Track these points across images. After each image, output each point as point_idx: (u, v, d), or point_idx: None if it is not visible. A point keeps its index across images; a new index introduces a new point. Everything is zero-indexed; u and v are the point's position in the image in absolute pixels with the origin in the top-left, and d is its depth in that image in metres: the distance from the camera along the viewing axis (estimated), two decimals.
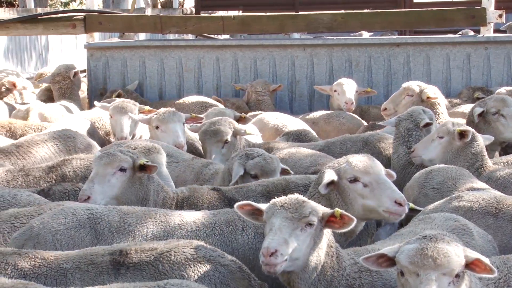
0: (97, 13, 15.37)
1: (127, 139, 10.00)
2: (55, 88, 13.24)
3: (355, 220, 5.24)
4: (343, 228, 5.22)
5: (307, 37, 19.01)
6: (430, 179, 7.30)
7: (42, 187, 7.49)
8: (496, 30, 16.70)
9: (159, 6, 31.46)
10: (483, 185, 7.21)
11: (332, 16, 14.24)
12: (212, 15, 22.64)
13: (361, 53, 13.67)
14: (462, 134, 7.93)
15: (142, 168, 6.70)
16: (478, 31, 14.55)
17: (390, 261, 4.72)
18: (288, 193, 6.13)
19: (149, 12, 22.94)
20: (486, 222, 6.19)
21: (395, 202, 5.81)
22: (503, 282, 5.05)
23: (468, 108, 10.57)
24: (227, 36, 20.47)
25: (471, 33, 17.91)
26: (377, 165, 6.04)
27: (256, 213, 5.30)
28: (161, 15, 17.61)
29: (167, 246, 5.31)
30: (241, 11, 24.13)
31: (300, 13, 17.41)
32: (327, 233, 5.25)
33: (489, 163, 7.97)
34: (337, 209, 5.22)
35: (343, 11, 19.05)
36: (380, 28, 16.98)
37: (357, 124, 11.48)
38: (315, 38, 16.99)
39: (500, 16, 13.72)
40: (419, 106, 9.07)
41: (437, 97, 10.15)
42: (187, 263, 5.21)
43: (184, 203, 6.87)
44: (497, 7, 14.07)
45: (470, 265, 4.56)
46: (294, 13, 18.06)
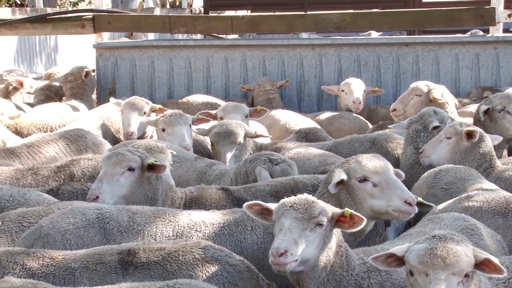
0: (106, 13, 15.39)
1: (133, 135, 10.01)
2: (66, 88, 13.27)
3: (365, 220, 5.23)
4: (353, 228, 5.22)
5: (316, 37, 18.99)
6: (439, 179, 7.28)
7: (51, 187, 7.51)
8: (505, 30, 16.64)
9: (168, 6, 31.48)
10: (492, 185, 7.19)
11: (340, 16, 14.22)
12: (221, 14, 22.63)
13: (369, 53, 13.64)
14: (469, 135, 7.91)
15: (150, 168, 6.70)
16: (487, 31, 14.51)
17: (399, 260, 4.71)
18: (297, 193, 6.12)
19: (157, 12, 22.98)
20: (496, 222, 6.18)
21: (405, 202, 5.80)
22: None
23: (477, 107, 10.54)
24: (235, 36, 20.45)
25: (480, 33, 17.86)
26: (387, 165, 6.03)
27: (265, 213, 5.29)
28: (169, 15, 17.60)
29: (175, 246, 5.31)
30: (249, 11, 24.13)
31: (308, 12, 17.43)
32: (337, 233, 5.24)
33: (498, 163, 7.94)
34: (346, 209, 5.21)
35: (351, 10, 19.01)
36: (389, 27, 16.96)
37: (359, 124, 11.45)
38: (323, 38, 16.97)
39: (509, 15, 13.66)
40: (431, 108, 9.03)
41: (442, 99, 10.13)
42: (195, 263, 5.21)
43: (193, 203, 6.87)
44: (506, 7, 14.03)
45: (480, 265, 4.54)
46: (302, 12, 18.06)
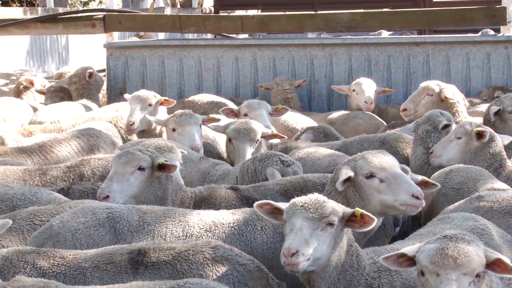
0: (116, 13, 15.42)
1: (134, 125, 9.91)
2: (72, 89, 13.31)
3: (376, 219, 5.23)
4: (363, 228, 5.21)
5: (326, 37, 18.98)
6: (450, 179, 7.26)
7: (61, 186, 7.53)
8: None
9: (178, 6, 31.55)
10: (503, 185, 7.16)
11: (351, 16, 14.20)
12: (231, 14, 22.63)
13: (380, 53, 13.61)
14: (479, 135, 7.89)
15: (160, 168, 6.70)
16: (498, 30, 14.46)
17: (410, 260, 4.71)
18: (306, 191, 6.13)
19: (168, 11, 22.97)
20: (506, 222, 6.16)
21: (412, 195, 5.80)
22: None
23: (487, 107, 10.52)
24: (246, 36, 20.46)
25: (491, 32, 17.81)
26: (392, 160, 6.03)
27: (275, 213, 5.29)
28: (180, 14, 17.62)
29: (185, 246, 5.31)
30: (260, 11, 24.14)
31: (319, 12, 17.42)
32: (347, 233, 5.24)
33: (508, 163, 7.92)
34: (357, 208, 5.20)
35: (362, 10, 19.00)
36: (399, 27, 16.92)
37: (375, 124, 11.41)
38: (334, 37, 16.95)
39: None
40: (437, 110, 9.03)
41: (453, 99, 10.11)
42: (205, 262, 5.22)
43: (202, 202, 6.86)
44: None
45: (491, 265, 4.53)
46: (313, 12, 18.06)
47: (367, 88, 12.12)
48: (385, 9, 19.61)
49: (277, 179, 7.18)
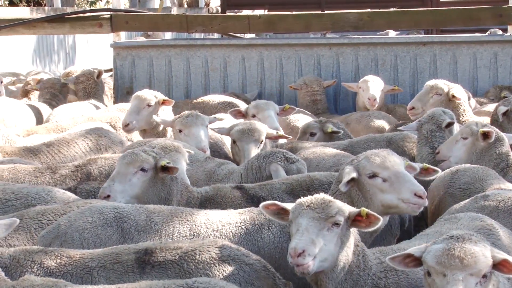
0: (123, 12, 15.44)
1: (129, 126, 9.77)
2: (79, 89, 13.33)
3: (382, 219, 5.23)
4: (369, 228, 5.21)
5: (333, 36, 18.96)
6: (457, 179, 7.25)
7: (69, 186, 7.56)
8: None
9: (185, 5, 31.58)
10: (510, 185, 7.15)
11: (358, 15, 14.19)
12: (238, 14, 22.62)
13: (387, 52, 13.60)
14: (485, 135, 7.89)
15: (164, 169, 6.71)
16: (506, 30, 14.44)
17: (417, 261, 4.71)
18: (313, 190, 6.14)
19: (175, 11, 23.02)
20: None
21: (415, 194, 5.80)
22: None
23: (494, 107, 10.50)
24: (252, 35, 20.46)
25: (499, 32, 17.78)
26: (396, 159, 6.02)
27: (281, 213, 5.29)
28: (187, 14, 17.64)
29: (192, 245, 5.32)
30: (266, 10, 24.13)
31: (326, 12, 17.40)
32: (354, 232, 5.24)
33: None
34: (363, 208, 5.20)
35: (369, 10, 18.99)
36: (406, 27, 16.90)
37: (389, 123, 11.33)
38: (341, 37, 16.93)
39: None
40: (439, 108, 9.03)
41: (461, 97, 10.11)
42: (212, 262, 5.22)
43: (208, 202, 6.87)
44: None
45: (498, 265, 4.53)
46: (320, 12, 18.04)
47: (372, 86, 12.08)
48: (392, 9, 19.55)
49: (283, 178, 7.18)
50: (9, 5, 29.73)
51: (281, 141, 9.60)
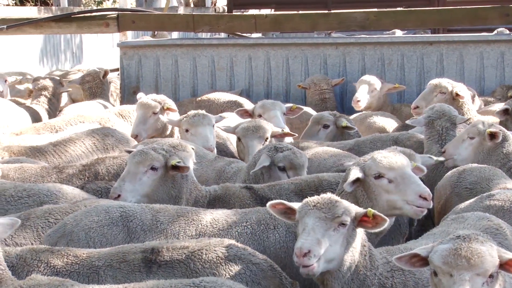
0: (130, 12, 15.45)
1: (138, 138, 9.79)
2: (85, 88, 13.34)
3: (388, 220, 5.23)
4: (375, 228, 5.21)
5: (340, 36, 18.94)
6: (463, 178, 7.25)
7: (75, 185, 7.58)
8: None
9: (191, 5, 31.59)
10: None
11: (365, 15, 14.17)
12: (245, 13, 22.61)
13: (393, 52, 13.58)
14: (492, 135, 7.88)
15: (174, 168, 6.72)
16: None
17: (423, 261, 4.70)
18: (321, 191, 6.13)
19: (181, 10, 23.02)
20: None
21: (420, 196, 5.79)
22: None
23: (501, 106, 10.50)
24: (259, 35, 20.45)
25: (506, 31, 17.74)
26: (402, 160, 6.01)
27: (288, 212, 5.29)
28: (193, 13, 17.65)
29: (198, 245, 5.32)
30: (273, 10, 24.12)
31: (332, 11, 17.37)
32: (360, 232, 5.24)
33: None
34: (369, 209, 5.20)
35: (375, 9, 18.97)
36: (413, 26, 16.88)
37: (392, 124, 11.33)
38: (347, 36, 16.91)
39: None
40: (444, 104, 9.03)
41: (464, 96, 10.11)
42: (218, 261, 5.22)
43: (216, 201, 6.88)
44: None
45: (504, 265, 4.52)
46: (326, 11, 18.02)
47: (361, 87, 12.20)
48: (398, 8, 19.52)
49: (292, 178, 7.18)
50: (16, 5, 29.78)
51: (288, 140, 9.60)
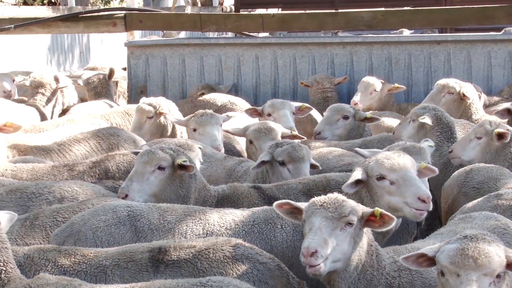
0: (137, 11, 15.46)
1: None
2: (90, 88, 13.36)
3: (395, 219, 5.23)
4: (382, 228, 5.20)
5: (347, 35, 18.93)
6: (471, 178, 7.23)
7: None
8: None
9: (199, 4, 31.60)
10: None
11: (372, 14, 14.15)
12: (252, 13, 22.62)
13: (401, 51, 13.56)
14: (500, 135, 7.86)
15: (182, 167, 6.73)
16: None
17: (430, 260, 4.69)
18: (329, 191, 6.13)
19: (189, 10, 23.02)
20: None
21: (419, 198, 5.78)
22: None
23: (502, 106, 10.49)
24: (266, 34, 20.44)
25: None
26: (405, 162, 6.00)
27: (295, 212, 5.29)
28: (200, 13, 17.66)
29: (205, 244, 5.33)
30: (280, 9, 24.12)
31: (339, 10, 17.35)
32: (367, 232, 5.24)
33: None
34: (377, 208, 5.20)
35: (383, 8, 18.93)
36: (420, 25, 16.85)
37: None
38: (354, 36, 16.89)
39: None
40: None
41: (472, 96, 10.11)
42: (225, 261, 5.23)
43: (225, 201, 6.88)
44: None
45: None
46: (333, 11, 18.00)
47: (359, 89, 12.31)
48: (406, 8, 19.48)
49: (300, 178, 7.18)
50: (23, 4, 29.83)
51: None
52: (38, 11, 23.52)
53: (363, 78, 12.50)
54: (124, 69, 15.29)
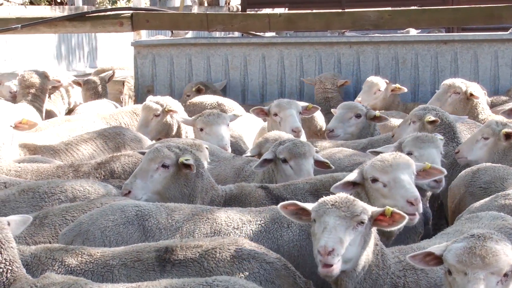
0: (144, 11, 15.47)
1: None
2: (89, 88, 13.47)
3: (407, 217, 5.21)
4: (391, 227, 5.20)
5: (354, 35, 18.91)
6: (477, 178, 7.22)
7: None
8: None
9: (205, 4, 31.61)
10: None
11: (379, 14, 14.13)
12: (258, 12, 22.62)
13: (407, 51, 13.56)
14: (508, 135, 7.85)
15: (186, 165, 6.73)
16: None
17: (437, 259, 4.69)
18: None
19: (195, 10, 23.03)
20: None
21: (407, 201, 5.77)
22: None
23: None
24: (273, 34, 20.44)
25: None
26: (400, 164, 5.99)
27: (300, 213, 5.28)
28: (207, 12, 17.65)
29: (212, 244, 5.33)
30: (287, 9, 24.11)
31: (346, 10, 17.33)
32: (374, 231, 5.23)
33: None
34: (388, 207, 5.19)
35: (389, 8, 18.92)
36: (427, 25, 16.83)
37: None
38: (361, 35, 16.87)
39: None
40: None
41: (479, 96, 10.09)
42: (232, 260, 5.23)
43: (232, 201, 6.88)
44: None
45: None
46: (340, 10, 17.99)
47: (363, 89, 12.34)
48: (412, 7, 19.46)
49: (307, 178, 7.17)
50: (30, 4, 29.88)
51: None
52: (45, 10, 23.55)
53: (367, 78, 12.49)
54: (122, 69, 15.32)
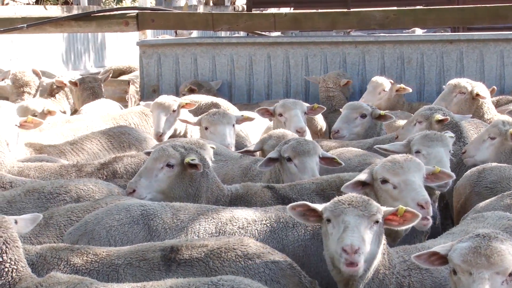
0: (149, 11, 15.48)
1: (163, 136, 9.83)
2: (86, 88, 13.45)
3: (420, 215, 5.20)
4: (402, 226, 5.20)
5: (359, 34, 18.90)
6: (483, 177, 7.21)
7: None
8: None
9: (211, 3, 31.61)
10: None
11: (384, 13, 14.12)
12: (264, 12, 22.63)
13: (413, 50, 13.54)
14: None
15: (191, 165, 6.73)
16: None
17: (442, 259, 4.69)
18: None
19: (201, 9, 23.03)
20: None
21: (417, 204, 5.74)
22: None
23: None
24: (278, 33, 20.44)
25: None
26: (410, 166, 5.97)
27: (307, 214, 5.26)
28: (212, 12, 17.66)
29: (217, 243, 5.33)
30: (292, 8, 24.12)
31: (352, 10, 17.34)
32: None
33: None
34: (401, 206, 5.17)
35: (395, 7, 18.91)
36: (433, 24, 16.79)
37: None
38: (367, 35, 16.86)
39: None
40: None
41: (485, 96, 10.08)
42: (237, 260, 5.23)
43: (238, 200, 6.87)
44: None
45: None
46: (346, 10, 17.98)
47: (368, 89, 12.31)
48: (418, 7, 19.45)
49: (313, 178, 7.16)
50: (35, 3, 29.90)
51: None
52: (51, 10, 23.57)
53: (372, 78, 12.48)
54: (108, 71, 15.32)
